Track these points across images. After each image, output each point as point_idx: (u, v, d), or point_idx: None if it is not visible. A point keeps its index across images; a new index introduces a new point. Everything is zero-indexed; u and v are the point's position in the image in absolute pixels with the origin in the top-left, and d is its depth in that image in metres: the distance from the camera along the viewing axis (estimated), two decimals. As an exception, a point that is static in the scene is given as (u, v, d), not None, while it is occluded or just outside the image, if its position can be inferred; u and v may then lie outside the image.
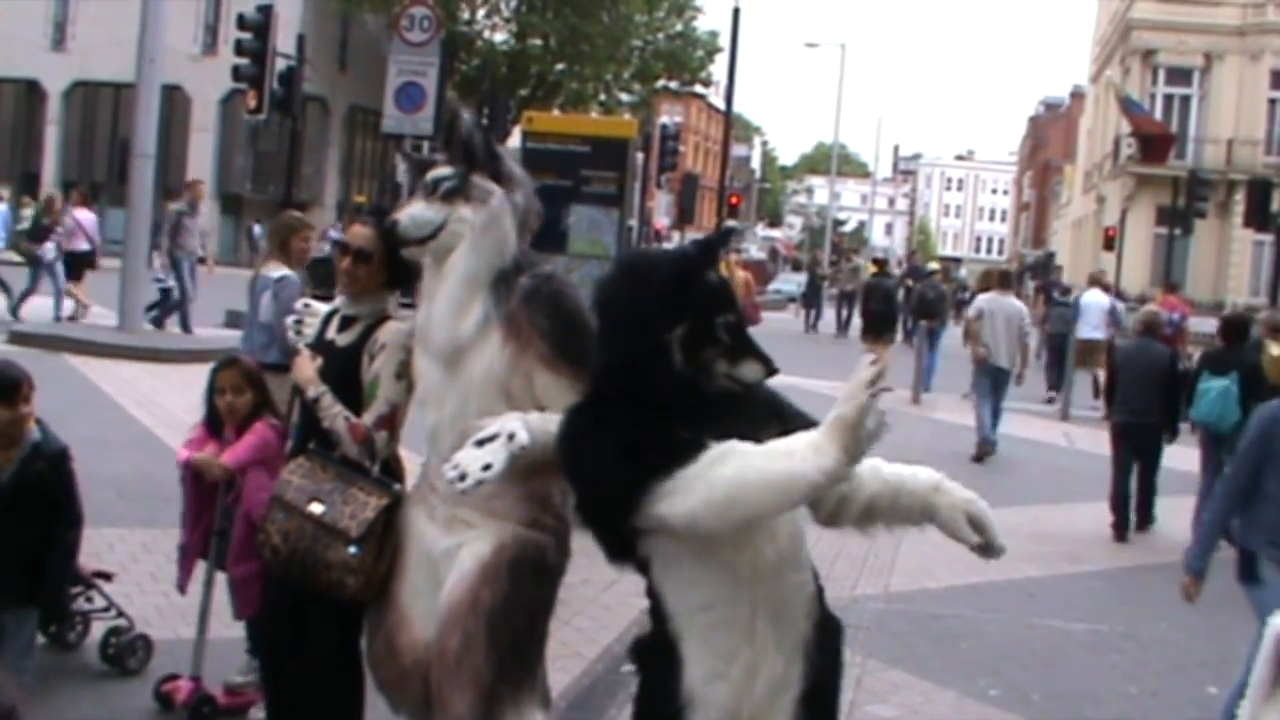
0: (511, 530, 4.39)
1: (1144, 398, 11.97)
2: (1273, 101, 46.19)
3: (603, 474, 3.58)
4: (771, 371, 3.65)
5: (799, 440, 3.41)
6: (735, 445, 3.44)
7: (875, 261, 28.78)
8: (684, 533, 3.47)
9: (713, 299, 3.65)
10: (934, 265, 32.67)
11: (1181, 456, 15.92)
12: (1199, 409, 11.66)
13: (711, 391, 3.60)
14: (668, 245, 34.84)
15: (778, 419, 3.71)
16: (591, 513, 3.67)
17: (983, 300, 16.75)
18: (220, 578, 5.87)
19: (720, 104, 52.56)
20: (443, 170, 4.43)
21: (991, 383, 16.14)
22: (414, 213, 4.40)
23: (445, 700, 4.33)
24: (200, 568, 5.93)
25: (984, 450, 15.74)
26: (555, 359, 4.31)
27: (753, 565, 3.56)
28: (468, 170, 4.41)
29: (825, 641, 3.73)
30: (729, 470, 3.38)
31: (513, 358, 4.33)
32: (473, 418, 4.24)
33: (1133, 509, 12.19)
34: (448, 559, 4.40)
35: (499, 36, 51.02)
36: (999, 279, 17.70)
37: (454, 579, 4.35)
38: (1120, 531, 11.90)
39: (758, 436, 3.54)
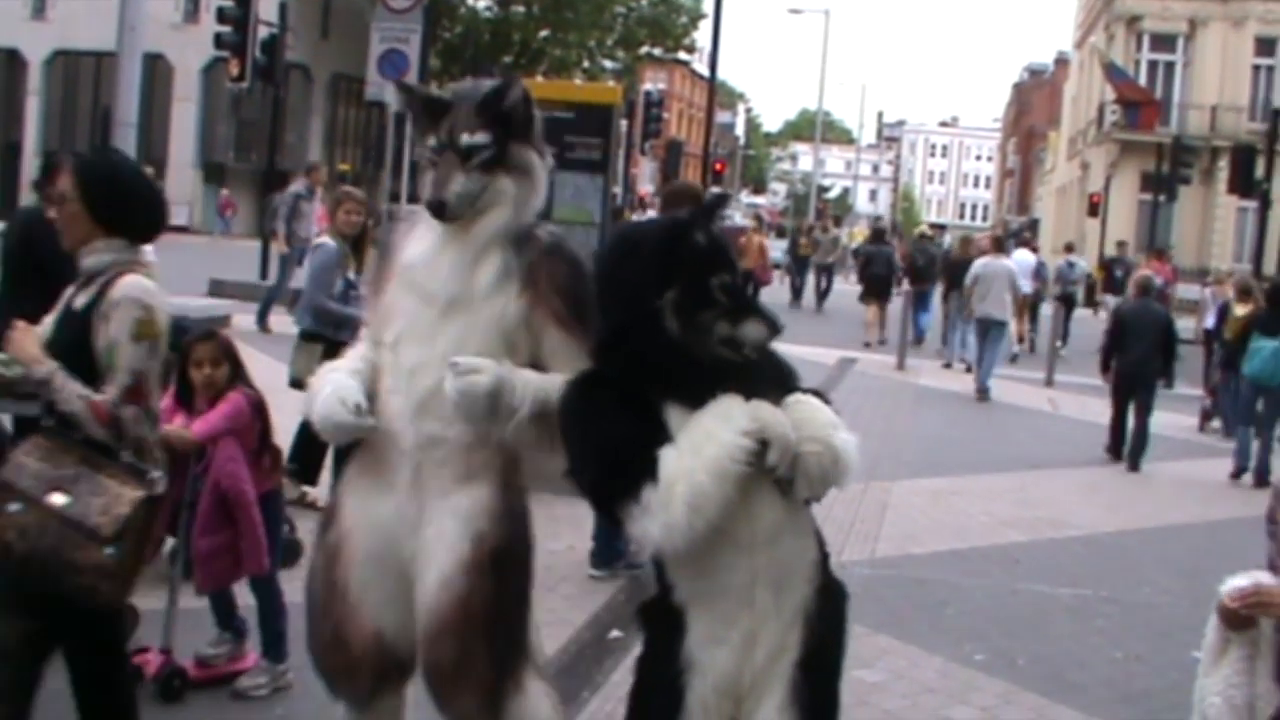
0: (488, 508, 4.20)
1: (1144, 350, 13.71)
2: (1256, 68, 46.25)
3: (583, 469, 3.66)
4: (775, 330, 3.64)
5: (708, 417, 3.48)
6: (671, 457, 3.46)
7: (874, 229, 32.48)
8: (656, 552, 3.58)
9: (703, 259, 3.64)
10: (927, 231, 32.70)
11: (1168, 424, 15.99)
12: (1252, 366, 13.16)
13: (710, 359, 3.60)
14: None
15: (782, 390, 3.71)
16: (580, 489, 3.73)
17: (978, 265, 19.16)
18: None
19: (704, 70, 52.38)
20: (478, 138, 4.18)
21: (984, 332, 18.37)
22: (458, 190, 4.15)
23: (449, 701, 4.23)
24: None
25: (981, 395, 17.95)
26: (569, 318, 4.17)
27: (751, 532, 3.57)
28: (505, 139, 4.22)
29: (826, 608, 3.73)
30: (681, 489, 3.42)
31: (526, 308, 4.19)
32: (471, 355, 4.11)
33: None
34: (414, 540, 4.19)
35: (482, 3, 50.88)
36: (992, 243, 20.81)
37: (434, 583, 4.16)
38: (1116, 453, 13.81)
39: (759, 392, 3.58)
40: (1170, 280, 21.61)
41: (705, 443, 3.43)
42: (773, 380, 3.72)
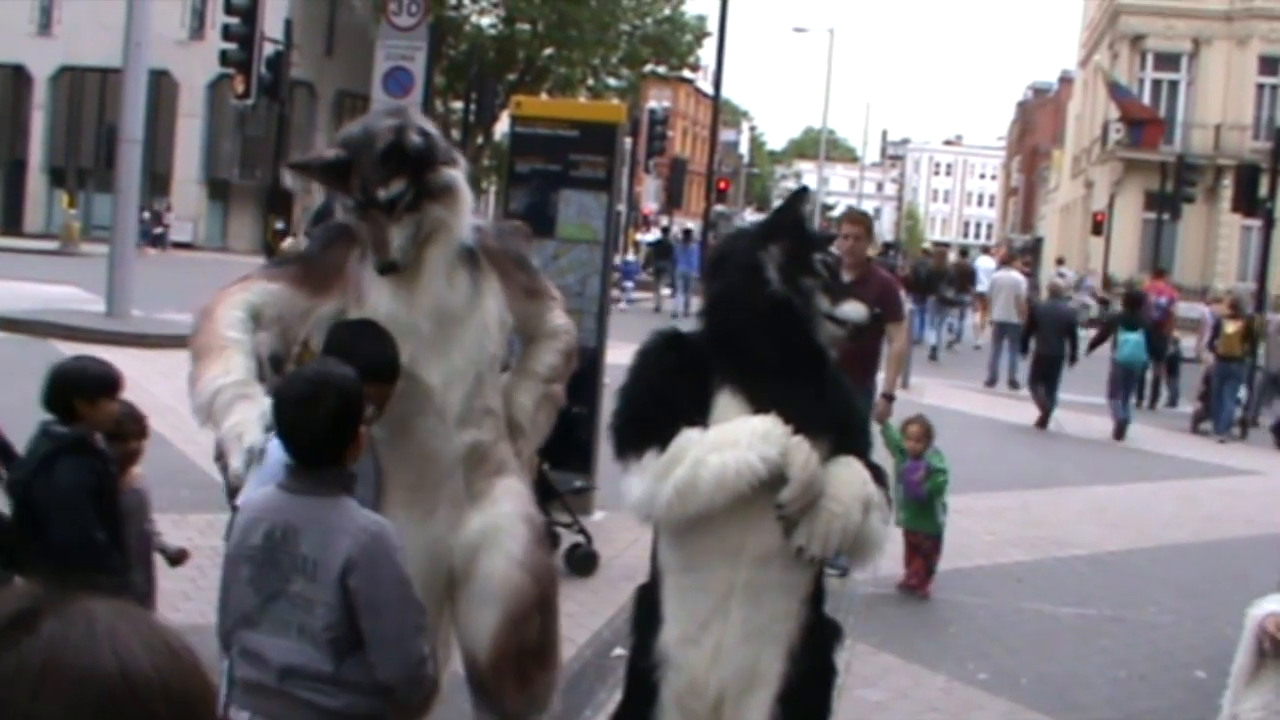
0: (523, 492, 4.47)
1: (1053, 340, 17.44)
2: (1260, 87, 46.21)
3: (617, 411, 3.87)
4: (874, 315, 3.86)
5: (747, 425, 3.55)
6: (692, 439, 3.55)
7: (884, 245, 39.40)
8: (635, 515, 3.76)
9: (805, 227, 3.89)
10: (930, 248, 35.95)
11: (1170, 442, 15.92)
12: (1123, 353, 17.02)
13: (812, 342, 3.69)
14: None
15: (839, 431, 3.73)
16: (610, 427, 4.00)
17: (995, 276, 24.22)
18: None
19: (708, 89, 52.44)
20: (394, 189, 4.17)
21: (999, 333, 22.20)
22: (400, 245, 4.18)
23: (529, 683, 4.41)
24: None
25: (991, 380, 21.99)
26: (535, 286, 4.53)
27: (741, 543, 3.59)
28: (419, 175, 4.22)
29: (812, 645, 3.72)
30: (680, 472, 3.52)
31: (506, 293, 4.43)
32: (487, 358, 4.33)
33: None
34: (460, 539, 4.34)
35: (487, 21, 50.89)
36: (1003, 258, 27.87)
37: (506, 565, 4.31)
38: (1043, 423, 17.31)
39: (812, 430, 3.60)
40: (1172, 299, 21.70)
41: (727, 446, 3.48)
42: (840, 426, 3.75)
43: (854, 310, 3.71)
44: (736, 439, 3.50)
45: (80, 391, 4.88)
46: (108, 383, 4.99)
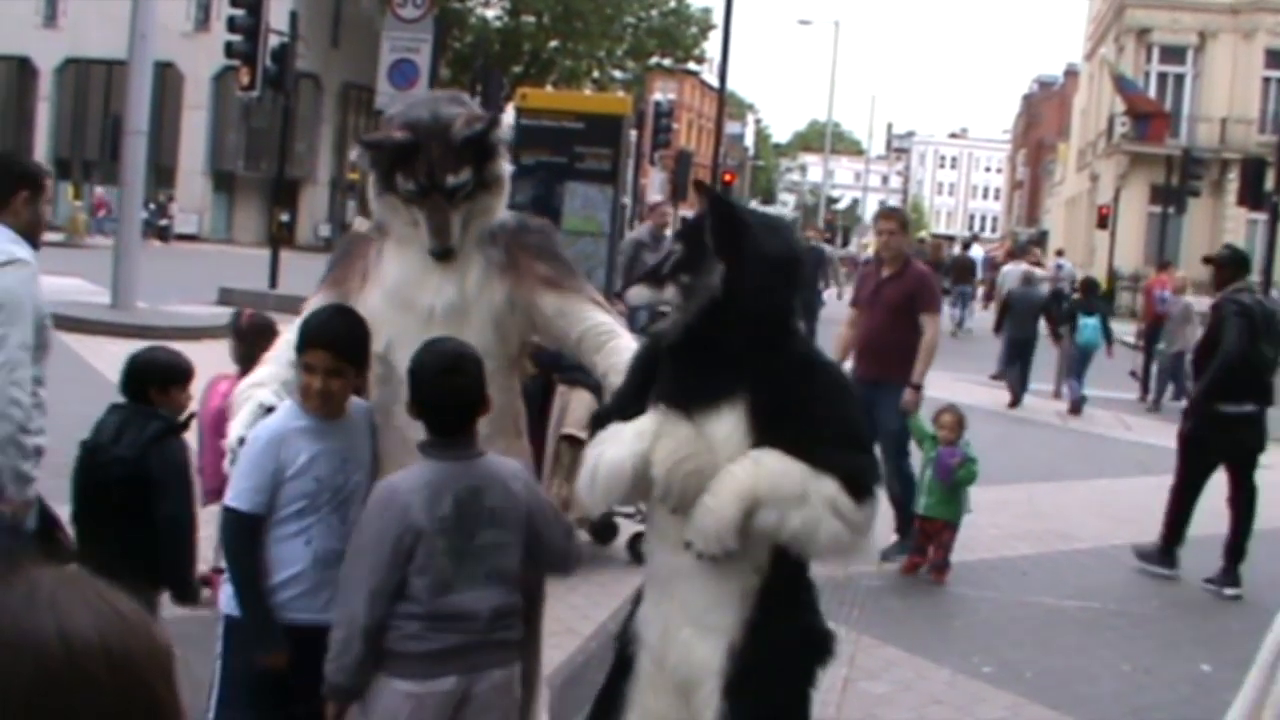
0: None
1: (1027, 323, 19.09)
2: (1266, 80, 46.12)
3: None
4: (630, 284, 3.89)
5: (636, 422, 3.63)
6: (611, 432, 3.70)
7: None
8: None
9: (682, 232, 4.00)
10: (924, 236, 37.62)
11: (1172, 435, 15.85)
12: (1083, 336, 18.57)
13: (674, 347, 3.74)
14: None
15: (794, 424, 3.60)
16: None
17: (1006, 269, 26.74)
18: None
19: (713, 81, 52.42)
20: (463, 177, 4.24)
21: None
22: (457, 232, 4.28)
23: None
24: None
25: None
26: (557, 278, 4.41)
27: (678, 529, 3.61)
28: (481, 164, 4.29)
29: (758, 643, 3.62)
30: (590, 462, 3.69)
31: (511, 288, 4.34)
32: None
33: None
34: None
35: (492, 13, 50.98)
36: (1009, 251, 31.94)
37: None
38: (1014, 405, 18.53)
39: (715, 422, 3.60)
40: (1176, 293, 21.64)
41: (617, 441, 3.64)
42: (800, 420, 3.60)
43: (629, 295, 3.81)
44: (623, 434, 3.63)
45: (177, 379, 5.29)
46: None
